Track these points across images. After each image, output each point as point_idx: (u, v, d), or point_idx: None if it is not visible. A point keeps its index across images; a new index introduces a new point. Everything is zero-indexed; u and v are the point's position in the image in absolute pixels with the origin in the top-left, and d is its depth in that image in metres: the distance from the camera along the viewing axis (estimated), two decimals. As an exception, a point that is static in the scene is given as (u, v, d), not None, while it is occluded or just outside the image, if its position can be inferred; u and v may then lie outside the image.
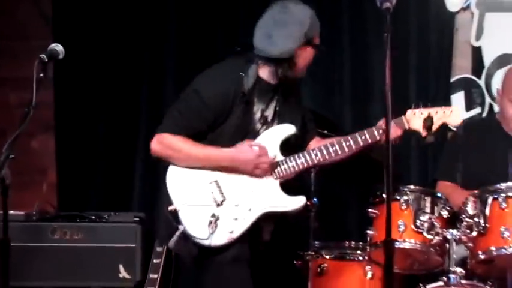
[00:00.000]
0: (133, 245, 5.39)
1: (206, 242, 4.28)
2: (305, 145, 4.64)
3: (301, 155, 4.41)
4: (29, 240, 5.43)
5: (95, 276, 5.42)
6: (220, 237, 4.30)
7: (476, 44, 5.80)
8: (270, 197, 4.39)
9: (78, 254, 5.44)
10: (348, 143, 4.34)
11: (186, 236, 4.35)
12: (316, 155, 4.42)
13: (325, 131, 4.84)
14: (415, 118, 4.41)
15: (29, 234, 5.48)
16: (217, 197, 4.36)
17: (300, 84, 4.77)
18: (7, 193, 3.83)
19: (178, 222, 4.33)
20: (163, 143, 4.37)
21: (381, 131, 4.41)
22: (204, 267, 4.51)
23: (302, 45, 4.31)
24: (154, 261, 5.20)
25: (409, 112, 4.42)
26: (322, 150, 4.41)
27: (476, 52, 5.81)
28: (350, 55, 5.87)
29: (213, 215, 4.32)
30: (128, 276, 5.42)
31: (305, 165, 4.42)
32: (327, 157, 4.41)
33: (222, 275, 4.41)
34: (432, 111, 4.44)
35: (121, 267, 5.43)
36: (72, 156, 6.14)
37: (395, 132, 4.34)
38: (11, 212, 4.14)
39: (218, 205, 4.35)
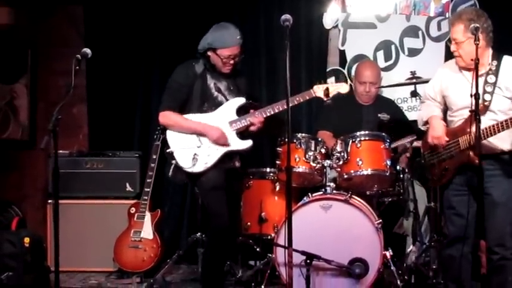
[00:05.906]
0: (135, 171, 6.47)
1: (190, 170, 5.02)
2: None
3: (247, 116, 5.14)
4: (71, 168, 6.41)
5: (111, 190, 6.45)
6: (199, 167, 5.05)
7: (341, 48, 6.72)
8: (230, 141, 5.12)
9: (101, 176, 6.47)
10: (278, 106, 5.06)
11: (178, 168, 5.06)
12: (256, 115, 5.15)
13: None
14: (318, 89, 5.21)
15: (71, 165, 6.43)
16: (197, 143, 5.08)
17: (240, 71, 5.31)
18: (57, 139, 4.30)
19: (173, 158, 5.07)
20: (164, 117, 5.11)
21: (298, 98, 5.13)
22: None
23: (207, 50, 5.06)
24: (147, 180, 6.04)
25: (315, 86, 5.21)
26: (261, 112, 5.14)
27: (342, 53, 6.72)
28: (265, 58, 6.74)
29: (195, 154, 5.06)
30: (131, 190, 6.44)
31: (249, 122, 5.16)
32: (263, 115, 5.14)
33: (205, 198, 5.21)
34: (328, 85, 5.26)
35: (127, 184, 6.45)
36: (99, 117, 6.99)
37: (306, 98, 5.18)
38: (60, 151, 4.89)
39: (198, 147, 5.06)
